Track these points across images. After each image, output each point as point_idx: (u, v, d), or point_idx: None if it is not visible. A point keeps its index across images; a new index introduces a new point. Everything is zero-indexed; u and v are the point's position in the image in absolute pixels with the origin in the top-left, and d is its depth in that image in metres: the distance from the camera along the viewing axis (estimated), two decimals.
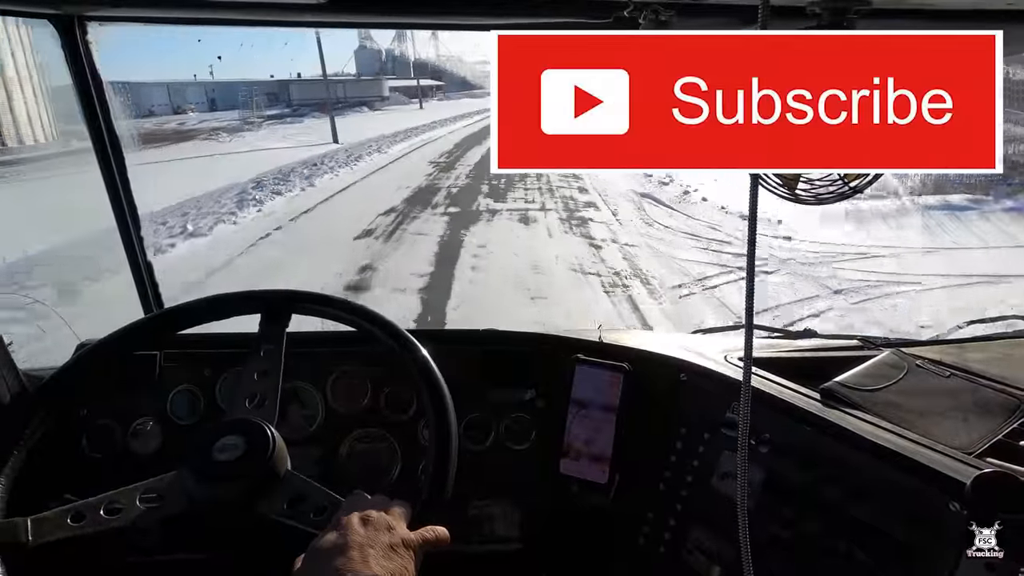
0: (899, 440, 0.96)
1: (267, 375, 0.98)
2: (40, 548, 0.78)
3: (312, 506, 0.85)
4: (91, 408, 1.29)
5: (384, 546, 0.71)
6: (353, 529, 0.72)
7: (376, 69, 69.51)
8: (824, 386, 1.11)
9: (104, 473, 1.27)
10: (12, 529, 0.78)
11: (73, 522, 0.80)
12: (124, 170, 1.39)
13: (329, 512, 0.82)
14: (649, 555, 1.20)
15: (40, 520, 0.79)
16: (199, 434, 0.88)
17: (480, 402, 1.33)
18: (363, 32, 62.79)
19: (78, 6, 1.17)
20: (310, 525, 0.82)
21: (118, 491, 0.84)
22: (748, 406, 0.81)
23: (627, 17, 0.94)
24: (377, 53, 73.52)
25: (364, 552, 0.69)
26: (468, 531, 1.32)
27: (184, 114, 40.25)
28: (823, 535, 0.96)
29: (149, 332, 1.06)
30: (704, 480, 1.15)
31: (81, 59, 1.26)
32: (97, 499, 0.83)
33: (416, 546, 0.74)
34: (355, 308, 1.07)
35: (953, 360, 1.21)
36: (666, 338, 1.46)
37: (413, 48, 75.01)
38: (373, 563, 0.68)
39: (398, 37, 74.01)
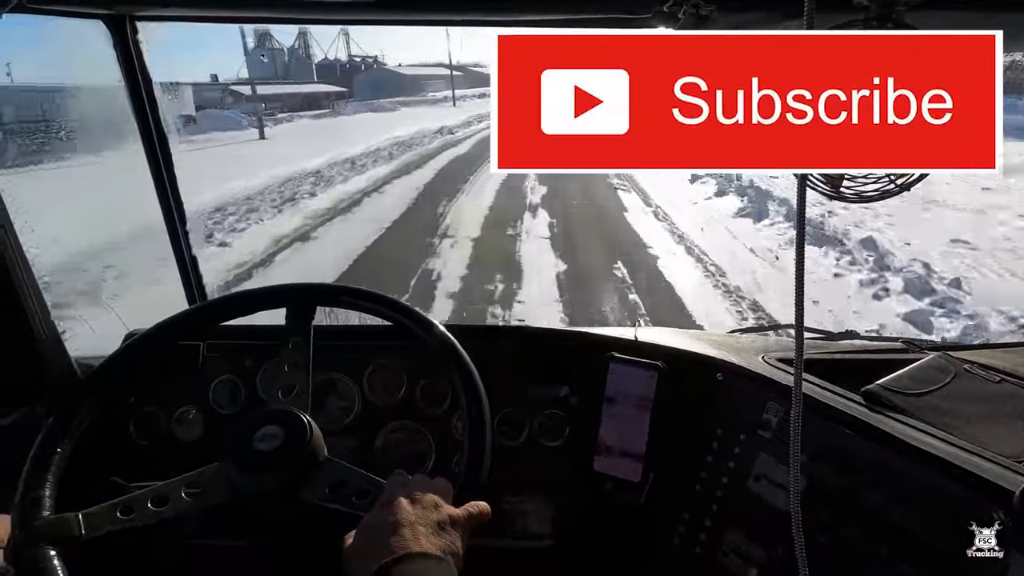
0: (944, 446, 0.93)
1: (297, 367, 1.00)
2: (91, 541, 0.81)
3: (354, 490, 0.87)
4: (138, 396, 1.33)
5: (433, 523, 0.73)
6: (402, 508, 0.74)
7: (270, 72, 64.69)
8: (867, 388, 1.09)
9: (150, 459, 1.31)
10: (65, 524, 0.81)
11: (122, 515, 0.83)
12: (171, 166, 1.43)
13: (372, 495, 0.84)
14: (684, 555, 1.19)
15: (90, 515, 0.82)
16: (239, 425, 0.90)
17: (514, 398, 1.33)
18: (260, 28, 57.81)
19: (130, 6, 1.21)
20: (354, 508, 0.84)
21: (163, 484, 0.87)
22: (800, 413, 0.80)
23: (667, 12, 0.93)
24: (279, 53, 68.87)
25: (415, 530, 0.70)
26: (501, 526, 1.33)
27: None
28: (863, 541, 0.94)
29: (193, 323, 1.09)
30: (740, 482, 1.14)
31: (132, 58, 1.30)
32: (144, 492, 0.86)
33: (463, 522, 0.76)
34: (380, 297, 1.08)
35: (1003, 365, 1.17)
36: (702, 337, 1.44)
37: (316, 47, 68.95)
38: (424, 540, 0.69)
39: (302, 36, 69.12)
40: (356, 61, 78.82)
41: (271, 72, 67.17)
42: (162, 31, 1.29)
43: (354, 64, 76.97)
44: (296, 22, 1.50)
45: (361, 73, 71.57)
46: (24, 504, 0.82)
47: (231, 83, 48.88)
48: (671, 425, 1.24)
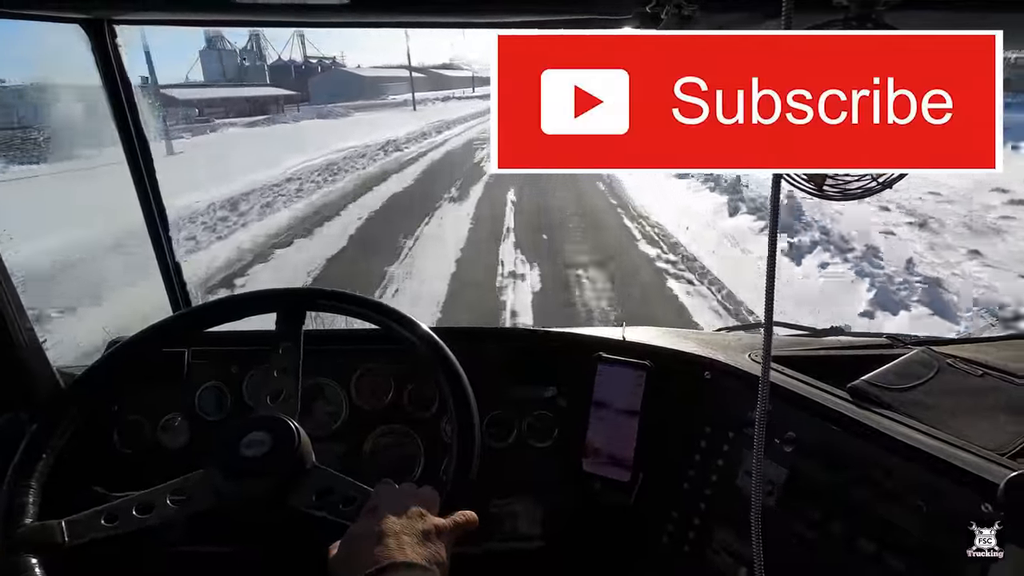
0: (930, 440, 0.94)
1: (286, 372, 1.00)
2: (75, 548, 0.80)
3: (341, 497, 0.87)
4: (122, 404, 1.32)
5: (418, 533, 0.73)
6: (387, 517, 0.74)
7: (220, 75, 62.31)
8: (852, 384, 1.10)
9: (134, 467, 1.30)
10: (48, 531, 0.80)
11: (106, 522, 0.82)
12: (153, 171, 1.42)
13: (359, 503, 0.84)
14: (673, 554, 1.20)
15: (74, 522, 0.82)
16: (225, 431, 0.90)
17: (502, 400, 1.33)
18: (211, 31, 55.93)
19: (107, 10, 1.20)
20: (340, 516, 0.84)
21: (148, 491, 0.86)
22: (766, 403, 0.81)
23: (649, 14, 0.94)
24: (230, 54, 66.60)
25: (400, 539, 0.70)
26: (490, 529, 1.33)
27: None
28: (850, 536, 0.94)
29: (177, 330, 1.08)
30: (729, 480, 1.14)
31: (111, 62, 1.29)
32: (128, 499, 0.85)
33: (448, 531, 0.76)
34: (367, 302, 1.08)
35: (986, 359, 1.18)
36: (690, 336, 1.45)
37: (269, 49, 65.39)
38: (409, 550, 0.69)
39: (254, 37, 66.52)
40: (312, 62, 76.50)
41: (219, 74, 65.28)
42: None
43: (310, 66, 74.72)
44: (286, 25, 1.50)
45: (317, 75, 69.22)
46: (6, 511, 0.81)
47: (163, 86, 43.61)
48: (659, 424, 1.25)
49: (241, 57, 68.99)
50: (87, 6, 1.16)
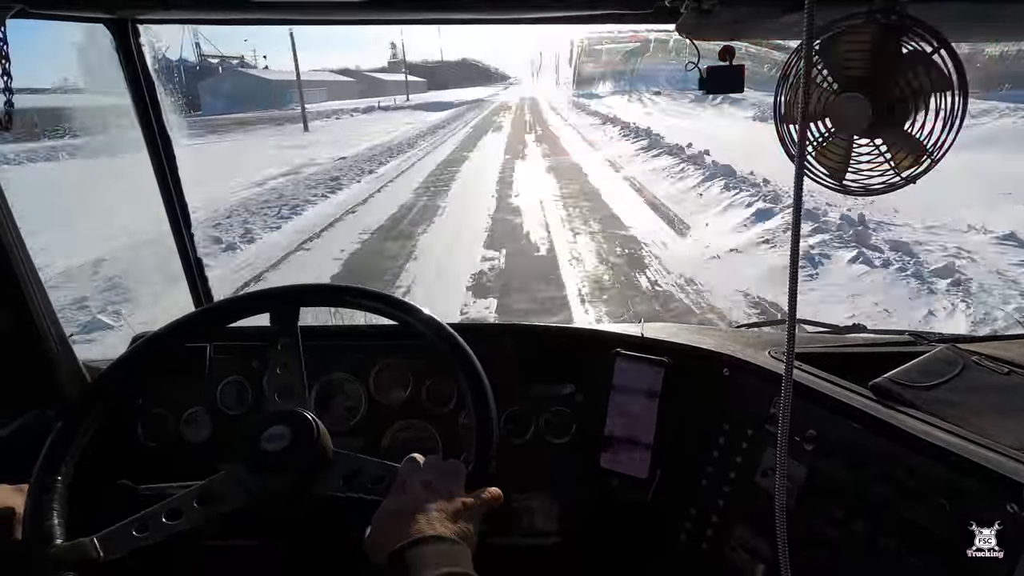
0: (954, 439, 0.92)
1: (288, 367, 1.00)
2: (109, 564, 0.80)
3: (369, 477, 0.88)
4: (146, 398, 1.34)
5: (447, 508, 0.75)
6: (416, 494, 0.76)
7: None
8: (875, 382, 1.08)
9: (159, 460, 1.32)
10: (81, 549, 0.79)
11: (138, 533, 0.82)
12: (175, 168, 1.44)
13: (387, 480, 0.85)
14: (691, 552, 1.19)
15: (106, 538, 0.81)
16: (245, 427, 0.90)
17: (520, 396, 1.33)
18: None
19: (132, 10, 1.21)
20: (371, 494, 0.85)
21: (175, 497, 0.87)
22: (790, 400, 0.80)
23: (668, 8, 0.93)
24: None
25: (429, 515, 0.73)
26: (508, 524, 1.33)
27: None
28: (871, 535, 0.93)
29: (200, 325, 1.09)
30: (747, 477, 1.13)
31: (135, 61, 1.30)
32: (157, 507, 0.85)
33: (476, 507, 0.78)
34: (361, 291, 1.08)
35: (1011, 356, 1.16)
36: (709, 332, 1.44)
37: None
38: (439, 526, 0.71)
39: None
40: (211, 63, 65.17)
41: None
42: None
43: (208, 66, 63.53)
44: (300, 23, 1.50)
45: (210, 78, 57.95)
46: (36, 531, 0.81)
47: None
48: (678, 421, 1.24)
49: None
50: (112, 6, 1.17)
